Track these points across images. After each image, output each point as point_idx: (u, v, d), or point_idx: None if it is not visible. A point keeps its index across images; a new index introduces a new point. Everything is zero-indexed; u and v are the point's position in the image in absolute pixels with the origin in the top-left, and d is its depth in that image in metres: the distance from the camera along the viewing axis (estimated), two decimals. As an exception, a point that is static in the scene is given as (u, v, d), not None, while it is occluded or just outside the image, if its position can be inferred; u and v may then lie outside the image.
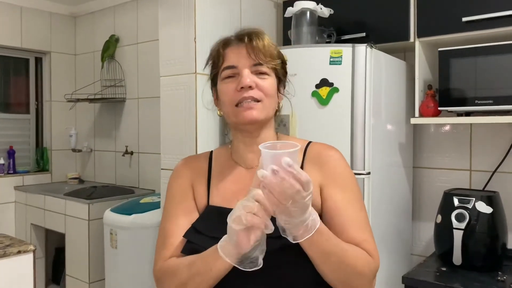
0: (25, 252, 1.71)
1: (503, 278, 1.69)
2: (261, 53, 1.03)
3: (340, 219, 1.00)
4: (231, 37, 1.09)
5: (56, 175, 3.96)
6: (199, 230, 1.01)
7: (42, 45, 3.87)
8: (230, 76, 1.04)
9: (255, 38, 1.04)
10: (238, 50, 1.04)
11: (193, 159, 1.18)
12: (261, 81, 1.03)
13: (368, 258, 0.98)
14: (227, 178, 1.09)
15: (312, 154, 1.08)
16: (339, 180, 1.04)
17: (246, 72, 1.02)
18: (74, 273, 3.12)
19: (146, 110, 3.43)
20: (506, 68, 1.69)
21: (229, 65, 1.05)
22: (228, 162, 1.12)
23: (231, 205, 0.95)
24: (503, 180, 2.01)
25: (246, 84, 1.01)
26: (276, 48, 1.08)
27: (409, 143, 2.19)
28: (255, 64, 1.03)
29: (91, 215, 2.96)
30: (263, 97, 1.03)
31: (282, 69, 1.10)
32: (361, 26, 2.04)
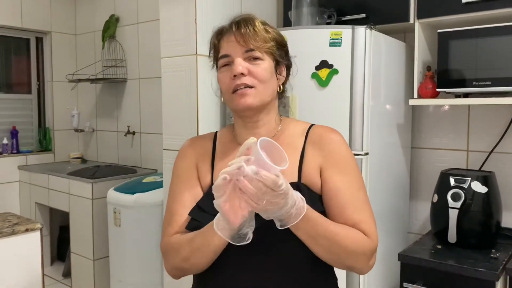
0: (32, 230, 1.76)
1: (496, 255, 1.74)
2: (251, 38, 1.03)
3: (339, 201, 1.03)
4: (224, 26, 1.10)
5: (58, 155, 4.00)
6: (203, 208, 1.05)
7: (42, 25, 3.86)
8: (226, 65, 1.06)
9: (243, 25, 1.05)
10: (229, 38, 1.06)
11: (198, 140, 1.20)
12: (254, 66, 1.04)
13: (362, 239, 1.00)
14: (229, 158, 1.09)
15: (314, 136, 1.10)
16: (339, 163, 1.06)
17: (238, 60, 1.03)
18: (78, 250, 3.19)
19: (147, 90, 3.45)
20: (504, 50, 1.70)
21: (223, 54, 1.07)
22: (231, 143, 1.14)
23: None
24: (499, 160, 2.04)
25: (238, 71, 1.02)
26: (270, 31, 1.08)
27: (407, 124, 2.22)
28: (247, 51, 1.04)
29: (94, 194, 3.01)
30: (256, 83, 1.04)
31: (279, 51, 1.09)
32: (362, 7, 2.05)
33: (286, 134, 1.12)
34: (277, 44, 1.08)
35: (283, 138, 1.11)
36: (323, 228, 0.96)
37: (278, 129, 1.13)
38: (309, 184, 1.05)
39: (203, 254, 0.99)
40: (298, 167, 1.06)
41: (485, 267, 1.62)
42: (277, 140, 1.04)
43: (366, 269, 1.05)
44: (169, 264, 1.08)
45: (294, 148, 1.09)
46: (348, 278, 1.79)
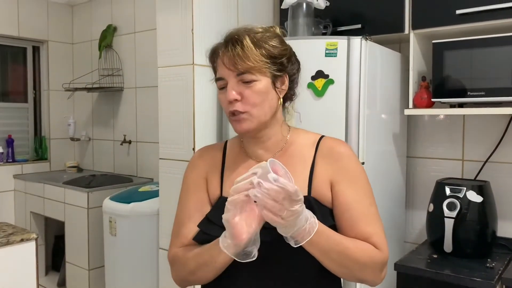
0: (27, 240, 1.75)
1: (492, 264, 1.74)
2: (240, 60, 0.99)
3: (351, 215, 1.04)
4: (218, 45, 1.07)
5: (54, 164, 3.99)
6: (212, 220, 1.05)
7: (39, 34, 3.87)
8: (223, 87, 1.05)
9: (231, 46, 1.01)
10: (222, 60, 1.03)
11: (208, 150, 1.20)
12: (247, 90, 1.02)
13: (373, 252, 1.02)
14: (239, 170, 1.11)
15: (324, 149, 1.09)
16: (350, 176, 1.07)
17: (231, 85, 1.02)
18: (74, 260, 3.17)
19: (143, 99, 3.45)
20: (499, 61, 1.72)
21: (218, 77, 1.06)
22: (241, 155, 1.15)
23: None
24: (494, 169, 2.05)
25: (231, 99, 1.02)
26: (265, 45, 1.02)
27: (403, 133, 2.23)
28: (239, 74, 1.01)
29: (90, 203, 3.00)
30: (249, 108, 1.02)
31: (276, 65, 1.04)
32: (357, 17, 2.07)
33: (295, 146, 1.11)
34: (272, 59, 1.03)
35: (292, 150, 1.11)
36: (335, 243, 0.97)
37: (286, 140, 1.12)
38: (319, 198, 1.05)
39: (209, 269, 1.01)
40: (308, 180, 1.06)
41: (481, 276, 1.62)
42: (286, 152, 1.10)
43: (378, 281, 1.06)
44: (176, 275, 1.10)
45: (304, 160, 1.08)
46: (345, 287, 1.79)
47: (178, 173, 2.08)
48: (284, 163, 1.02)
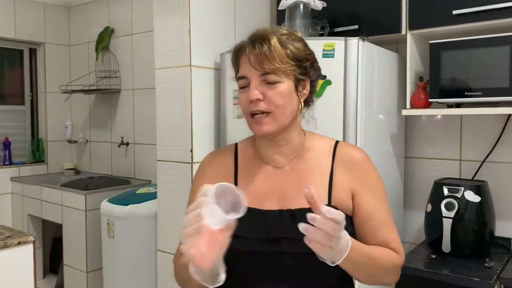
0: (25, 243, 1.75)
1: (490, 264, 1.74)
2: (266, 60, 0.98)
3: (373, 224, 1.06)
4: (243, 43, 1.04)
5: (52, 166, 3.98)
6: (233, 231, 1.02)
7: (36, 36, 3.86)
8: (245, 86, 1.03)
9: (258, 45, 0.99)
10: (247, 59, 1.00)
11: (218, 155, 1.16)
12: (271, 91, 0.99)
13: (394, 256, 1.06)
14: (255, 177, 1.08)
15: (342, 157, 1.08)
16: (370, 185, 1.08)
17: (254, 84, 1.00)
18: (71, 262, 3.16)
19: (141, 101, 3.45)
20: (495, 61, 1.72)
21: (241, 76, 1.03)
22: (255, 159, 1.11)
23: (261, 205, 1.04)
24: (492, 169, 2.06)
25: (252, 97, 0.99)
26: (291, 47, 1.01)
27: (400, 133, 2.23)
28: (263, 74, 0.99)
29: (88, 205, 2.99)
30: (273, 109, 1.00)
31: (300, 68, 1.02)
32: (354, 18, 2.07)
33: (312, 152, 1.10)
34: (298, 62, 1.02)
35: (308, 156, 1.09)
36: (365, 255, 0.98)
37: (303, 146, 1.10)
38: (339, 207, 1.02)
39: (192, 286, 0.99)
40: (328, 189, 1.05)
41: (480, 276, 1.63)
42: (302, 158, 1.08)
43: (395, 281, 1.11)
44: (176, 279, 1.09)
45: (321, 168, 1.07)
46: (343, 289, 1.78)
47: (176, 175, 2.08)
48: (301, 170, 1.06)
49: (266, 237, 1.00)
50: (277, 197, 1.05)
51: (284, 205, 1.04)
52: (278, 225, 1.00)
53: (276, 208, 1.04)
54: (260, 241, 0.99)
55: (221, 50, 2.10)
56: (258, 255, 1.00)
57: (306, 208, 0.96)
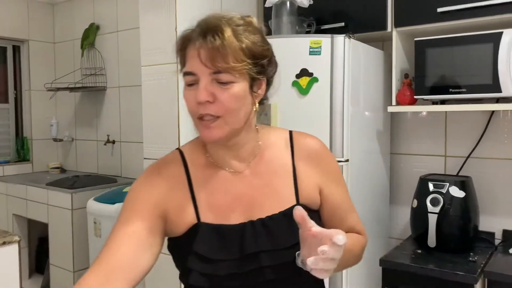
0: (10, 243, 1.72)
1: (474, 258, 1.77)
2: (221, 57, 0.83)
3: (341, 212, 1.05)
4: (192, 32, 0.89)
5: (37, 165, 3.93)
6: (203, 255, 0.90)
7: (19, 33, 3.80)
8: (192, 83, 0.88)
9: (214, 37, 0.84)
10: (196, 52, 0.85)
11: (166, 166, 0.97)
12: (223, 92, 0.85)
13: (362, 241, 1.07)
14: (214, 187, 0.95)
15: (301, 149, 1.01)
16: (334, 175, 1.05)
17: (203, 83, 0.85)
18: (58, 262, 3.13)
19: (127, 99, 3.42)
20: (479, 58, 1.75)
21: (188, 71, 0.88)
22: (209, 167, 0.97)
23: (227, 220, 0.92)
24: (476, 165, 2.09)
25: (201, 100, 0.85)
26: (246, 40, 0.87)
27: (386, 130, 2.25)
28: (215, 72, 0.85)
29: (74, 204, 2.96)
30: (223, 112, 0.86)
31: (257, 66, 0.89)
32: (340, 16, 2.08)
33: (270, 150, 1.00)
34: (254, 59, 0.88)
35: (267, 155, 0.99)
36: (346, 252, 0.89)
37: (259, 146, 0.99)
38: (308, 204, 0.99)
39: None
40: (294, 188, 0.98)
41: (464, 270, 1.65)
42: (262, 159, 0.98)
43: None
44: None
45: (283, 166, 0.99)
46: (331, 286, 1.80)
47: (163, 173, 2.07)
48: (262, 172, 0.97)
49: (242, 255, 0.90)
50: (243, 207, 0.94)
51: (253, 215, 0.94)
52: (253, 239, 0.91)
53: (245, 220, 0.93)
54: (236, 260, 0.90)
55: (207, 47, 2.10)
56: (236, 277, 0.90)
57: (276, 213, 0.94)
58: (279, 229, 0.91)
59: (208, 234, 0.91)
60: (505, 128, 2.03)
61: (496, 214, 2.05)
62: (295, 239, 0.86)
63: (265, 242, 0.91)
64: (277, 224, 0.92)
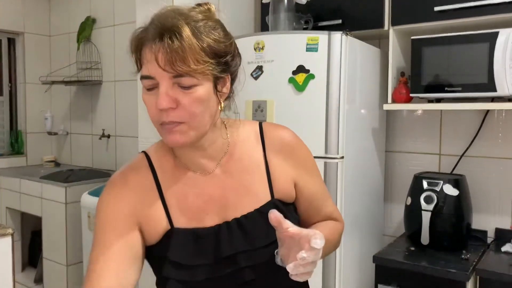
0: (3, 236, 1.72)
1: (467, 256, 1.78)
2: (181, 60, 0.77)
3: (317, 203, 1.04)
4: (147, 31, 0.82)
5: (31, 158, 3.91)
6: (179, 262, 0.88)
7: (15, 26, 3.77)
8: (152, 88, 0.81)
9: (172, 38, 0.77)
10: (154, 55, 0.78)
11: (131, 173, 0.92)
12: (185, 97, 0.80)
13: (339, 228, 1.07)
14: (185, 191, 0.91)
15: (273, 143, 0.97)
16: (307, 166, 1.01)
17: (164, 89, 0.79)
18: (51, 256, 3.12)
19: (122, 93, 3.41)
20: (475, 57, 1.76)
21: (146, 75, 0.81)
22: (178, 170, 0.92)
23: (202, 223, 0.89)
24: (470, 164, 2.10)
25: (163, 107, 0.79)
26: (206, 39, 0.80)
27: (382, 128, 2.26)
28: (176, 76, 0.78)
29: (68, 198, 2.95)
30: (187, 118, 0.81)
31: (220, 65, 0.83)
32: (338, 13, 2.08)
33: (240, 145, 0.95)
34: (217, 58, 0.82)
35: (238, 152, 0.95)
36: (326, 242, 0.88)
37: (228, 142, 0.94)
38: (283, 198, 0.96)
39: None
40: (268, 183, 0.95)
41: (456, 268, 1.67)
42: (232, 156, 0.94)
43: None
44: None
45: (255, 162, 0.95)
46: (324, 282, 1.80)
47: (158, 168, 2.07)
48: (233, 170, 0.93)
49: (218, 258, 0.88)
50: (217, 208, 0.91)
51: (227, 215, 0.91)
52: (228, 240, 0.89)
53: (220, 222, 0.90)
54: (213, 264, 0.88)
55: (204, 43, 2.09)
56: (215, 280, 0.88)
57: (252, 211, 0.92)
58: (255, 228, 0.90)
59: (182, 239, 0.88)
60: (500, 127, 2.04)
61: (489, 212, 2.06)
62: (272, 237, 0.85)
63: (242, 243, 0.89)
64: (253, 223, 0.90)
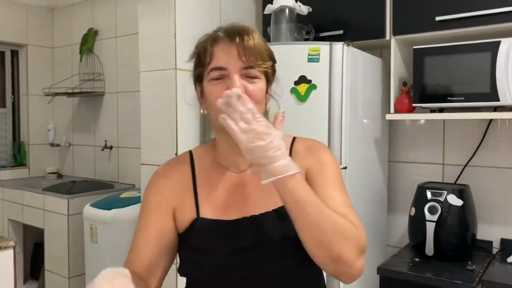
0: (5, 248, 1.71)
1: (472, 267, 1.76)
2: (252, 55, 0.94)
3: (326, 197, 0.94)
4: (219, 33, 0.98)
5: (33, 170, 3.91)
6: (197, 247, 0.97)
7: (18, 38, 3.80)
8: (219, 78, 0.95)
9: (246, 38, 0.95)
10: (228, 50, 0.94)
11: (172, 167, 1.07)
12: (251, 85, 0.94)
13: (352, 226, 0.90)
14: (216, 185, 1.01)
15: (298, 150, 1.05)
16: (325, 167, 1.02)
17: (237, 76, 0.93)
18: (53, 268, 3.10)
19: (125, 104, 3.42)
20: (477, 67, 1.75)
21: (218, 66, 0.95)
22: (215, 166, 1.04)
23: (225, 215, 0.98)
24: (474, 173, 2.09)
25: (237, 87, 0.91)
26: (267, 47, 1.00)
27: (384, 138, 2.25)
28: (246, 67, 0.94)
29: (70, 210, 2.95)
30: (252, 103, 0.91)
31: (272, 70, 1.01)
32: (339, 23, 2.09)
33: None
34: (273, 62, 1.01)
35: None
36: (312, 196, 0.87)
37: None
38: None
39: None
40: None
41: (462, 279, 1.65)
42: None
43: (356, 264, 0.88)
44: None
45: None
46: (328, 293, 1.78)
47: (160, 179, 2.06)
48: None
49: (233, 247, 0.95)
50: (240, 204, 1.00)
51: (247, 212, 0.98)
52: (245, 234, 0.95)
53: (240, 217, 0.98)
54: (228, 253, 0.95)
55: (206, 54, 2.10)
56: (226, 269, 0.95)
57: (269, 211, 0.97)
58: (270, 226, 0.95)
59: (204, 228, 0.97)
60: (503, 136, 2.03)
61: (494, 222, 2.05)
62: (284, 235, 0.93)
63: (256, 237, 0.95)
64: (269, 221, 0.95)
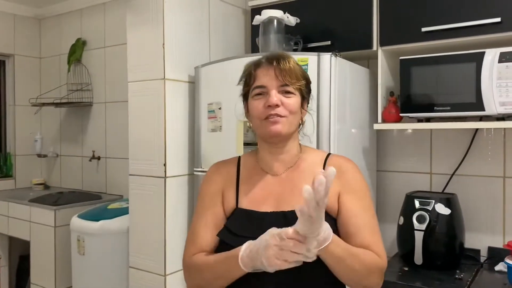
0: (-11, 261, 1.68)
1: (461, 276, 1.77)
2: (287, 75, 1.16)
3: (357, 222, 1.15)
4: (262, 59, 1.21)
5: (20, 181, 3.86)
6: (231, 229, 1.17)
7: (5, 48, 3.77)
8: (260, 94, 1.18)
9: (283, 62, 1.17)
10: (268, 72, 1.18)
11: (223, 165, 1.31)
12: (287, 99, 1.16)
13: (376, 259, 1.13)
14: (255, 184, 1.23)
15: (332, 165, 1.12)
16: (355, 189, 1.20)
17: (274, 92, 1.16)
18: (39, 281, 3.05)
19: (113, 115, 3.40)
20: (463, 77, 1.77)
21: (259, 85, 1.18)
22: (256, 169, 1.26)
23: (258, 208, 1.19)
24: (461, 182, 2.10)
25: (273, 102, 1.14)
26: (301, 69, 1.21)
27: (372, 147, 2.27)
28: (282, 85, 1.16)
29: (57, 221, 2.91)
30: (288, 114, 1.16)
31: (306, 88, 1.22)
32: (327, 34, 2.10)
33: (307, 163, 1.24)
34: (306, 81, 1.22)
35: (303, 166, 1.23)
36: (345, 249, 1.07)
37: (299, 156, 1.25)
38: (328, 210, 1.10)
39: (225, 281, 1.12)
40: None
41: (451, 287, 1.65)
42: (298, 167, 1.23)
43: (378, 286, 1.16)
44: (191, 282, 1.20)
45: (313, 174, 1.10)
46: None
47: (148, 190, 2.04)
48: (295, 177, 1.21)
49: (260, 234, 1.05)
50: (273, 201, 1.19)
51: (279, 207, 1.17)
52: (272, 224, 1.06)
53: (271, 210, 1.17)
54: (254, 238, 1.06)
55: (195, 64, 2.10)
56: None
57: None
58: (295, 221, 1.01)
59: (240, 216, 1.19)
60: (489, 146, 2.05)
61: (481, 231, 2.06)
62: None
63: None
64: (296, 218, 1.01)
